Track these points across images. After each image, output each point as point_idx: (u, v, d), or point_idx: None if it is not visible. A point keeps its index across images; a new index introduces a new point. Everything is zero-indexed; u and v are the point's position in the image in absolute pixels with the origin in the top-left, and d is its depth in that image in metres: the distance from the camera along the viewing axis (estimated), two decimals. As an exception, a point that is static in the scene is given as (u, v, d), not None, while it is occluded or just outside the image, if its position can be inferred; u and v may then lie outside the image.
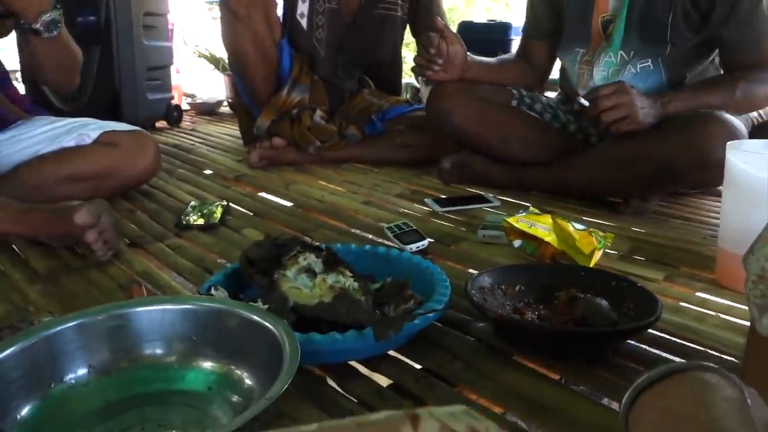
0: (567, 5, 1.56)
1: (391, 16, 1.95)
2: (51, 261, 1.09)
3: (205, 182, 1.70)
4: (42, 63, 1.38)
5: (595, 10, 1.50)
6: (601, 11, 1.49)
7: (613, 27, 1.44)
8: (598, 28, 1.50)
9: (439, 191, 1.61)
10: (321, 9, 1.87)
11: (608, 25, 1.46)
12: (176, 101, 2.72)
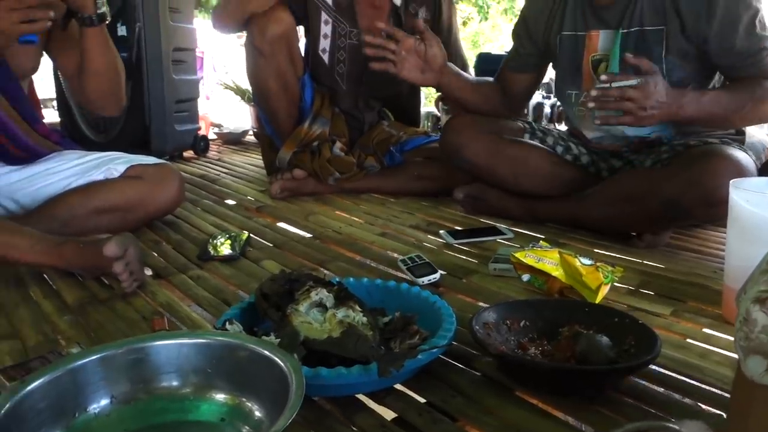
0: (557, 48, 1.59)
1: None
2: (80, 292, 1.14)
3: (228, 213, 1.75)
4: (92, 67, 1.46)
5: (585, 51, 1.53)
6: (591, 51, 1.52)
7: (605, 66, 1.47)
8: (588, 69, 1.53)
9: (454, 222, 1.64)
10: (342, 45, 1.94)
11: (599, 64, 1.49)
12: (203, 132, 2.81)
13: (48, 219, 1.34)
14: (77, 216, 1.38)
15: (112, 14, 2.17)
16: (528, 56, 1.69)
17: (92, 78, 1.47)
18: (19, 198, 1.45)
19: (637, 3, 1.43)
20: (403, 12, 1.95)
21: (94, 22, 1.40)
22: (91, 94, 1.52)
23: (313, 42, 1.95)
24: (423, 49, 1.63)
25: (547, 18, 1.61)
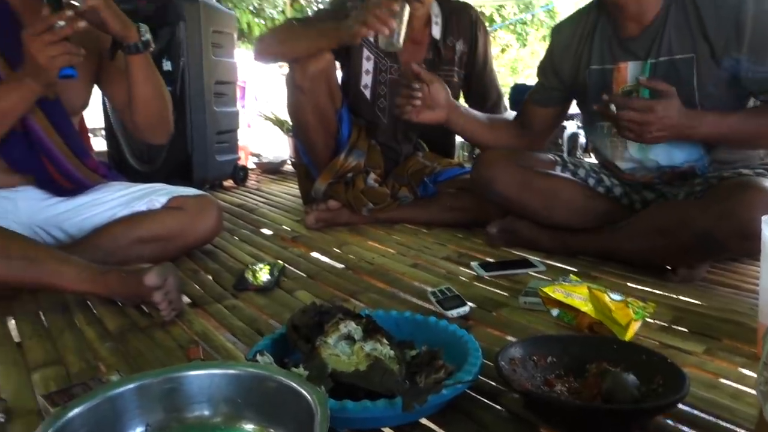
0: (586, 82, 1.60)
1: (449, 83, 2.04)
2: (121, 320, 1.19)
3: (264, 243, 1.80)
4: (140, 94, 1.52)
5: (614, 83, 1.53)
6: (620, 83, 1.52)
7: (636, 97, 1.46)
8: None
9: (486, 254, 1.65)
10: (383, 80, 1.98)
11: (629, 95, 1.49)
12: (243, 161, 2.89)
13: (93, 248, 1.40)
14: (121, 245, 1.44)
15: (159, 49, 2.29)
16: (553, 90, 1.71)
17: (140, 106, 1.54)
18: (67, 228, 1.52)
19: (664, 32, 1.43)
20: (442, 45, 2.00)
21: (140, 50, 1.47)
22: (140, 121, 1.58)
23: (355, 78, 2.00)
24: (426, 88, 1.68)
25: (573, 53, 1.62)
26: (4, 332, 1.14)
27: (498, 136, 1.80)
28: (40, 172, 1.46)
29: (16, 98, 1.30)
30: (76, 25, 1.24)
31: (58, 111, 1.47)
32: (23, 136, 1.41)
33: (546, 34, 15.57)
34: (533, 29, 15.37)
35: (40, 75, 1.26)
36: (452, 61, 2.04)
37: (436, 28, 2.00)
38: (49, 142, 1.44)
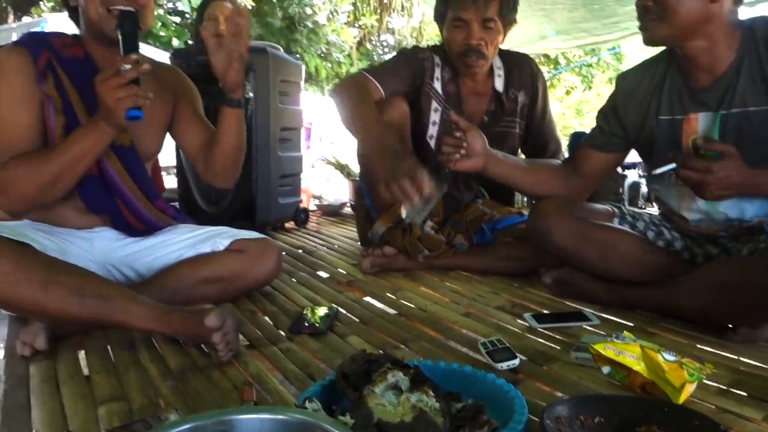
0: (653, 132, 1.58)
1: (510, 133, 2.07)
2: (182, 359, 1.25)
3: (321, 286, 1.85)
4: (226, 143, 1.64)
5: (684, 134, 1.51)
6: (690, 133, 1.50)
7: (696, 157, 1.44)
8: (689, 150, 1.50)
9: (540, 305, 1.64)
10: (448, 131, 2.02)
11: (697, 150, 1.46)
12: (304, 204, 2.98)
13: (160, 288, 1.48)
14: (186, 285, 1.51)
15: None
16: (613, 136, 1.68)
17: (222, 153, 1.65)
18: (138, 267, 1.61)
19: (737, 83, 1.41)
20: (505, 97, 2.04)
21: (240, 105, 1.60)
22: (217, 167, 1.69)
23: (422, 129, 2.04)
24: (463, 136, 1.68)
25: (640, 102, 1.60)
26: (75, 365, 1.22)
27: (539, 180, 1.77)
28: (114, 214, 1.57)
29: (91, 140, 1.41)
30: (141, 69, 1.34)
31: (133, 157, 1.58)
32: (100, 179, 1.53)
33: (612, 76, 15.39)
34: (599, 71, 15.22)
35: (110, 117, 1.35)
36: (514, 113, 2.07)
37: (498, 80, 2.04)
38: (123, 186, 1.56)
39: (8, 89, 1.44)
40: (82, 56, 1.55)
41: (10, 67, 1.46)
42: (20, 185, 1.40)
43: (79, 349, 1.30)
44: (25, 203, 1.45)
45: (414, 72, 2.00)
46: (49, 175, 1.40)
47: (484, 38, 1.91)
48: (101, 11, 1.48)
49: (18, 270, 1.22)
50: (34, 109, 1.46)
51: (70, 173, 1.42)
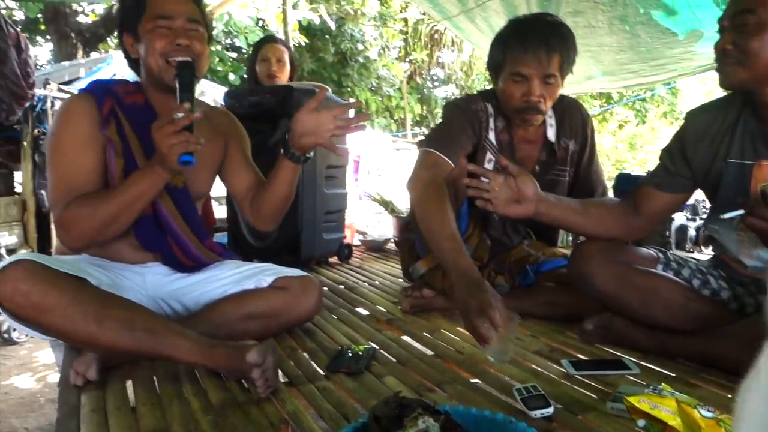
0: (720, 174, 1.56)
1: (560, 182, 2.06)
2: (223, 393, 1.29)
3: (360, 323, 1.88)
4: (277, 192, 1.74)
5: (753, 179, 1.48)
6: (760, 179, 1.47)
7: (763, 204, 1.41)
8: (757, 196, 1.47)
9: (579, 350, 1.62)
10: None
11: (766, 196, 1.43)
12: (348, 239, 3.04)
13: (205, 322, 1.54)
14: (229, 320, 1.57)
15: (279, 137, 2.52)
16: (677, 176, 1.64)
17: (270, 201, 1.75)
18: (185, 301, 1.68)
19: None
20: (557, 146, 2.04)
21: (300, 161, 1.69)
22: (263, 212, 1.79)
23: None
24: (513, 182, 1.64)
25: (710, 143, 1.57)
26: (123, 397, 1.28)
27: (596, 222, 1.72)
28: (166, 251, 1.65)
29: (147, 183, 1.51)
30: (193, 117, 1.43)
31: (185, 197, 1.67)
32: (154, 219, 1.62)
33: (667, 110, 15.12)
34: (653, 105, 14.98)
35: (165, 162, 1.45)
36: (565, 161, 2.06)
37: (551, 129, 2.03)
38: (175, 226, 1.64)
39: (75, 134, 1.56)
40: (142, 103, 1.66)
41: (78, 113, 1.57)
42: (81, 224, 1.50)
43: (127, 379, 1.37)
44: (85, 241, 1.54)
45: (473, 128, 1.98)
46: (107, 215, 1.49)
47: (544, 94, 1.86)
48: (161, 63, 1.59)
49: (75, 304, 1.30)
50: (98, 152, 1.57)
51: (127, 214, 1.52)
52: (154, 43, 1.60)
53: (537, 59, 1.80)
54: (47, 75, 7.49)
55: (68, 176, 1.54)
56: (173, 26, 1.60)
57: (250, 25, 9.56)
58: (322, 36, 12.06)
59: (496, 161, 1.75)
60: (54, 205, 1.54)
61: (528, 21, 1.92)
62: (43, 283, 1.29)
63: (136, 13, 1.63)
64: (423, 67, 15.19)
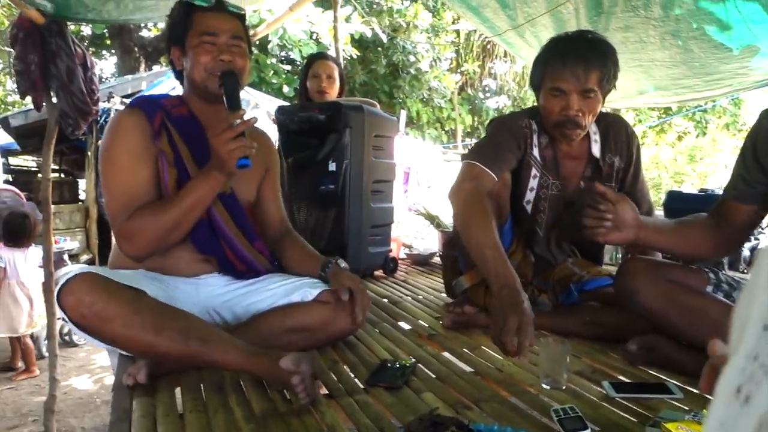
0: None
1: None
2: (265, 403, 1.34)
3: (402, 338, 1.90)
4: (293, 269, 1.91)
5: None
6: None
7: None
8: None
9: (621, 372, 1.60)
10: (544, 196, 2.04)
11: None
12: (394, 253, 3.07)
13: (253, 332, 1.60)
14: (275, 332, 1.63)
15: (326, 153, 2.58)
16: (755, 184, 1.58)
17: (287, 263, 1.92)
18: (236, 310, 1.75)
19: None
20: (602, 162, 2.03)
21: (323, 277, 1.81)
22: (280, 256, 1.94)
23: (520, 195, 2.05)
24: (613, 208, 1.61)
25: None
26: (171, 404, 1.34)
27: (691, 241, 1.66)
28: (220, 255, 1.74)
29: (206, 188, 1.59)
30: (249, 123, 1.54)
31: (234, 203, 1.77)
32: (208, 224, 1.71)
33: (729, 122, 14.59)
34: (714, 117, 14.50)
35: (224, 167, 1.54)
36: (610, 177, 2.05)
37: (595, 146, 2.03)
38: (227, 230, 1.74)
39: (129, 147, 1.65)
40: (187, 114, 1.76)
41: (130, 127, 1.67)
42: (145, 234, 1.59)
43: (175, 387, 1.43)
44: (149, 249, 1.63)
45: (518, 144, 1.99)
46: (169, 223, 1.58)
47: (583, 108, 1.86)
48: (205, 75, 1.69)
49: (134, 313, 1.38)
50: (151, 163, 1.66)
51: (187, 219, 1.61)
52: (199, 58, 1.69)
53: (574, 74, 1.82)
54: (111, 88, 7.84)
55: (126, 188, 1.63)
56: (217, 42, 1.70)
57: (304, 38, 9.75)
58: (374, 48, 12.20)
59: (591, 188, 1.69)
60: (114, 216, 1.63)
61: (567, 38, 1.93)
62: (105, 295, 1.38)
63: (183, 29, 1.73)
64: (475, 78, 15.16)
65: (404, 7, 12.60)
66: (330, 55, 3.52)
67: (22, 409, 3.22)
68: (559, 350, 1.47)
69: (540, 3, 2.85)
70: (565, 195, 2.05)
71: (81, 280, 1.40)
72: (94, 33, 12.99)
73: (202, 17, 1.71)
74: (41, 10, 2.50)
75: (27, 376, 3.66)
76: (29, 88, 2.66)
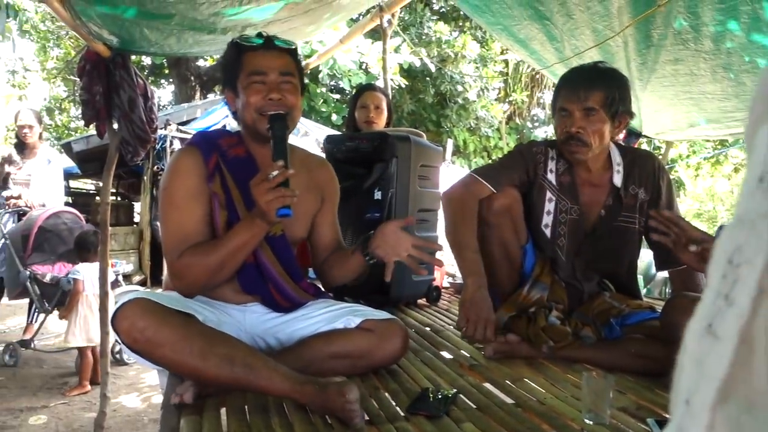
0: None
1: (630, 229, 2.06)
2: (308, 427, 1.36)
3: (443, 367, 1.90)
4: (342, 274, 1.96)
5: None
6: None
7: None
8: None
9: (667, 410, 1.57)
10: (563, 220, 2.07)
11: None
12: (437, 282, 3.07)
13: (296, 358, 1.63)
14: (318, 358, 1.66)
15: (372, 182, 2.62)
16: None
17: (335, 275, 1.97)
18: (280, 337, 1.79)
19: None
20: (623, 192, 2.04)
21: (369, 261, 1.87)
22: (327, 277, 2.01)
23: (536, 218, 2.11)
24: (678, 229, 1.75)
25: None
26: (217, 424, 1.38)
27: None
28: (265, 294, 1.79)
29: (249, 234, 1.64)
30: (286, 174, 1.55)
31: (282, 244, 1.80)
32: (255, 266, 1.76)
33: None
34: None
35: (264, 216, 1.58)
36: (633, 208, 2.07)
37: (617, 176, 2.06)
38: (274, 272, 1.77)
39: (184, 187, 1.72)
40: (243, 155, 1.80)
41: (187, 168, 1.73)
42: (193, 272, 1.66)
43: (221, 407, 1.48)
44: (197, 287, 1.71)
45: (527, 166, 2.11)
46: (215, 264, 1.64)
47: (585, 126, 1.95)
48: (255, 116, 1.73)
49: (183, 340, 1.44)
50: (205, 204, 1.73)
51: (232, 262, 1.66)
52: (249, 98, 1.73)
53: (576, 93, 1.94)
54: (168, 115, 8.16)
55: (180, 227, 1.70)
56: (267, 81, 1.73)
57: (353, 68, 9.97)
58: (422, 78, 12.34)
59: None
60: (167, 253, 1.71)
61: (579, 67, 2.09)
62: (156, 320, 1.44)
63: (234, 70, 1.78)
64: (523, 108, 15.12)
65: (453, 38, 12.74)
66: (378, 86, 3.60)
67: (73, 425, 3.32)
68: (602, 384, 1.45)
69: (588, 36, 2.87)
70: (586, 223, 2.09)
71: (135, 306, 1.47)
72: (153, 63, 13.57)
73: (252, 57, 1.74)
74: (107, 44, 2.66)
75: (79, 391, 3.78)
76: (93, 116, 2.81)
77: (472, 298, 1.88)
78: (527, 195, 2.12)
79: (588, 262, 2.08)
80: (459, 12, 13.04)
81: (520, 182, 2.10)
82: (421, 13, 12.13)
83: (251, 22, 2.68)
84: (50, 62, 14.53)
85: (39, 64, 14.76)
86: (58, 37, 13.85)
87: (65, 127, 16.13)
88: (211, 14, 2.46)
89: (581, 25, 2.80)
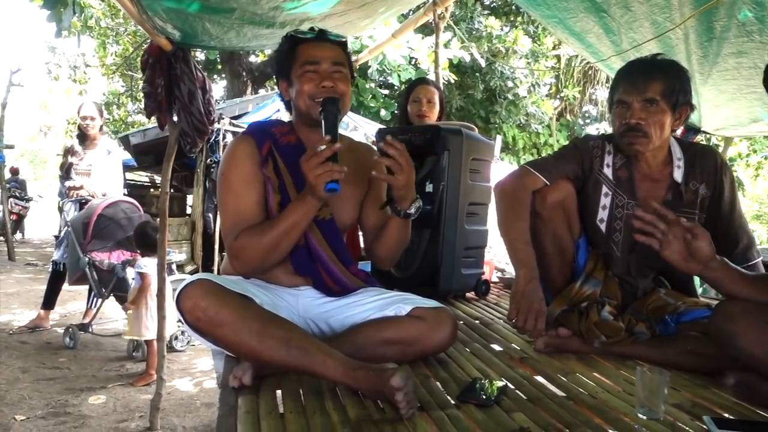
0: None
1: None
2: (360, 410, 1.39)
3: (493, 359, 1.91)
4: (386, 242, 1.91)
5: None
6: None
7: None
8: None
9: (724, 408, 1.54)
10: (620, 215, 2.04)
11: None
12: (486, 276, 3.07)
13: (348, 344, 1.67)
14: (369, 344, 1.69)
15: (423, 174, 2.64)
16: None
17: (382, 246, 1.93)
18: (332, 323, 1.83)
19: None
20: (684, 188, 2.00)
21: (400, 215, 1.82)
22: (378, 253, 1.97)
23: (591, 212, 2.09)
24: (690, 239, 1.63)
25: None
26: (273, 403, 1.43)
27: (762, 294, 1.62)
28: (316, 276, 1.84)
29: (301, 211, 1.70)
30: (333, 148, 1.59)
31: (332, 228, 1.85)
32: (305, 248, 1.82)
33: None
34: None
35: (314, 191, 1.63)
36: (693, 204, 2.02)
37: (678, 171, 2.02)
38: (324, 255, 1.82)
39: (240, 173, 1.80)
40: (295, 141, 1.88)
41: (242, 155, 1.82)
42: (250, 252, 1.72)
43: (277, 389, 1.52)
44: (253, 267, 1.77)
45: (582, 160, 2.08)
46: (270, 243, 1.71)
47: (645, 117, 1.91)
48: (308, 102, 1.80)
49: (242, 320, 1.50)
50: (259, 188, 1.80)
51: (285, 241, 1.72)
52: (303, 86, 1.82)
53: (635, 84, 1.91)
54: (221, 110, 8.34)
55: (237, 211, 1.78)
56: (319, 70, 1.81)
57: (402, 64, 9.98)
58: (472, 73, 12.26)
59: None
60: (226, 234, 1.80)
61: (637, 60, 2.04)
62: (217, 301, 1.50)
63: (289, 61, 1.86)
64: (575, 104, 14.85)
65: (504, 33, 12.60)
66: (431, 80, 3.61)
67: (130, 405, 3.45)
68: (657, 379, 1.44)
69: (646, 28, 2.81)
70: None
71: (198, 286, 1.53)
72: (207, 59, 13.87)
73: (305, 48, 1.84)
74: (169, 38, 2.74)
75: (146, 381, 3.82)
76: (155, 108, 2.91)
77: (523, 290, 1.86)
78: (582, 189, 2.09)
79: (644, 259, 2.04)
80: (510, 6, 12.89)
81: (574, 176, 2.08)
82: (472, 7, 12.04)
83: (309, 15, 2.73)
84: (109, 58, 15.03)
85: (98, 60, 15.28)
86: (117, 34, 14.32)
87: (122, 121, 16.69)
88: (271, 8, 2.53)
89: (640, 17, 2.74)
